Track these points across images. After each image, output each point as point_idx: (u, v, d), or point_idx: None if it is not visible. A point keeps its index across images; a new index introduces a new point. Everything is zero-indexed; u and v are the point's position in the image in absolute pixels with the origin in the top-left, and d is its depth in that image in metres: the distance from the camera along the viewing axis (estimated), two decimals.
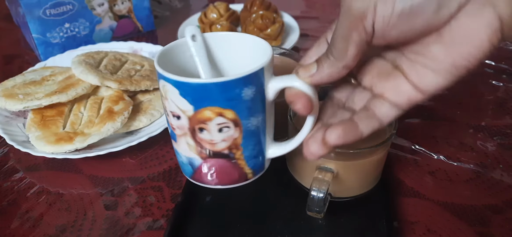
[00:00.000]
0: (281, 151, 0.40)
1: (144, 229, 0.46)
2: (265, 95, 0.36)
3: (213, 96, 0.34)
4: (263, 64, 0.35)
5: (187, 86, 0.34)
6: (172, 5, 1.02)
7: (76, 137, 0.54)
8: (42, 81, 0.62)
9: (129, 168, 0.54)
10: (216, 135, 0.36)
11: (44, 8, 0.74)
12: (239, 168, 0.39)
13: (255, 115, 0.36)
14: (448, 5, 0.29)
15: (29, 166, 0.56)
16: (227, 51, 0.43)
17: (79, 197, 0.51)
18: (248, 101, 0.35)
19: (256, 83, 0.35)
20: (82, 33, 0.80)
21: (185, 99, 0.34)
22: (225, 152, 0.37)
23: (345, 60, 0.32)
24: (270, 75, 0.37)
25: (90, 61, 0.64)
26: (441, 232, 0.44)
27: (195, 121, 0.35)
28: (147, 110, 0.61)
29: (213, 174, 0.39)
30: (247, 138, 0.37)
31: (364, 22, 0.30)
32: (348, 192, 0.46)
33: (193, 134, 0.36)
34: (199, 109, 0.34)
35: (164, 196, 0.50)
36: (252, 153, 0.38)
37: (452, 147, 0.55)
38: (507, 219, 0.46)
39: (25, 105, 0.57)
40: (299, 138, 0.38)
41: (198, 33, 0.41)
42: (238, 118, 0.35)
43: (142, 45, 0.76)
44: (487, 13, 0.28)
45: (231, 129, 0.36)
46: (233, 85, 0.34)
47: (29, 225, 0.47)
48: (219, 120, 0.35)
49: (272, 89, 0.36)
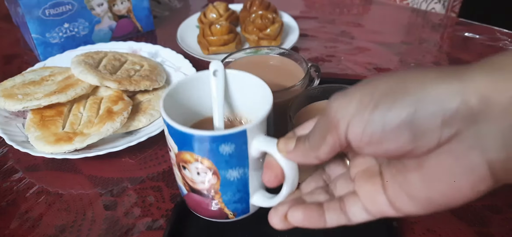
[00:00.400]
0: (267, 203, 0.39)
1: (144, 229, 0.46)
2: (248, 152, 0.36)
3: (191, 144, 0.36)
4: (247, 127, 0.35)
5: (171, 128, 0.36)
6: (172, 5, 1.02)
7: (75, 137, 0.53)
8: (41, 81, 0.62)
9: (128, 168, 0.54)
10: (196, 177, 0.38)
11: (43, 8, 0.74)
12: (220, 208, 0.40)
13: (234, 168, 0.37)
14: (424, 139, 0.26)
15: (28, 166, 0.56)
16: (242, 89, 0.44)
17: (78, 197, 0.51)
18: (226, 156, 0.36)
19: (235, 142, 0.35)
20: (81, 33, 0.80)
21: (172, 138, 0.37)
22: (205, 193, 0.39)
23: (318, 154, 0.31)
24: (259, 134, 0.36)
25: (90, 61, 0.64)
26: (440, 232, 0.44)
27: (179, 159, 0.38)
28: (147, 110, 0.61)
29: (196, 206, 0.41)
30: (226, 186, 0.38)
31: (338, 131, 0.29)
32: None
33: (179, 168, 0.39)
34: (181, 151, 0.37)
35: (164, 196, 0.50)
36: (232, 199, 0.39)
37: None
38: (506, 219, 0.46)
39: (25, 105, 0.57)
40: (281, 196, 0.37)
41: (220, 69, 0.42)
42: (215, 168, 0.36)
43: (141, 45, 0.76)
44: (473, 157, 0.25)
45: (209, 175, 0.37)
46: (210, 140, 0.35)
47: (28, 226, 0.47)
48: (197, 165, 0.36)
49: (255, 149, 0.36)
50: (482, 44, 0.80)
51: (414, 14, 0.97)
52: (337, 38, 0.84)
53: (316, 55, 0.78)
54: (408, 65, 0.74)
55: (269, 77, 0.56)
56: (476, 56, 0.75)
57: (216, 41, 0.75)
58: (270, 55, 0.60)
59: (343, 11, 0.95)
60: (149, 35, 0.89)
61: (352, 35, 0.85)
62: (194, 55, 0.75)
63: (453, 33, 0.86)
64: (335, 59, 0.77)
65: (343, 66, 0.75)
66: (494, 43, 0.80)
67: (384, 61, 0.76)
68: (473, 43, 0.81)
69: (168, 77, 0.70)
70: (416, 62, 0.75)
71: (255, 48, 0.61)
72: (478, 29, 0.85)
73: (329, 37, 0.85)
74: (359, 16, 0.94)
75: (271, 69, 0.58)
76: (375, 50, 0.79)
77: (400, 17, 0.94)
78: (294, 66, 0.57)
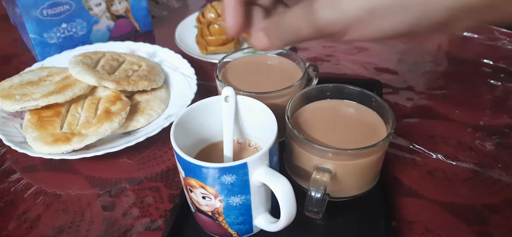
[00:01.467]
0: (269, 228, 0.41)
1: (142, 229, 0.46)
2: (249, 182, 0.38)
3: (196, 172, 0.37)
4: (248, 160, 0.37)
5: (179, 156, 0.38)
6: (170, 5, 1.02)
7: (73, 138, 0.53)
8: (39, 82, 0.61)
9: (126, 169, 0.54)
10: (201, 200, 0.40)
11: (41, 8, 0.74)
12: (223, 228, 0.42)
13: (237, 195, 0.38)
14: None
15: (26, 167, 0.55)
16: (251, 114, 0.46)
17: (76, 198, 0.50)
18: (228, 185, 0.37)
19: (237, 173, 0.37)
20: (79, 33, 0.80)
21: (179, 164, 0.39)
22: (209, 214, 0.40)
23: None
24: (261, 165, 0.38)
25: (88, 61, 0.64)
26: (439, 231, 0.44)
27: (186, 183, 0.40)
28: (145, 110, 0.61)
29: (203, 223, 0.43)
30: (229, 210, 0.39)
31: None
32: (346, 192, 0.46)
33: (187, 190, 0.41)
34: (187, 177, 0.39)
35: (162, 196, 0.50)
36: (235, 221, 0.41)
37: (451, 146, 0.55)
38: (505, 218, 0.45)
39: (22, 106, 0.56)
40: (279, 225, 0.39)
41: (232, 95, 0.44)
42: (218, 194, 0.38)
43: (139, 45, 0.76)
44: None
45: (213, 200, 0.39)
46: (212, 171, 0.36)
47: (26, 226, 0.47)
48: (202, 190, 0.38)
49: (256, 180, 0.38)
50: (480, 43, 0.80)
51: None
52: None
53: (315, 55, 0.78)
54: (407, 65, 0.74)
55: (267, 77, 0.56)
56: (475, 56, 0.75)
57: (215, 41, 0.74)
58: (268, 55, 0.59)
59: None
60: (147, 35, 0.89)
61: None
62: (192, 55, 0.75)
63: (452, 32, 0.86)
64: (334, 58, 0.77)
65: (342, 66, 0.75)
66: (493, 43, 0.80)
67: (382, 61, 0.75)
68: (472, 43, 0.81)
69: (166, 77, 0.70)
70: (415, 62, 0.75)
71: (254, 48, 0.60)
72: (477, 28, 0.85)
73: None
74: None
75: (269, 69, 0.58)
76: (373, 50, 0.79)
77: None
78: (292, 66, 0.57)
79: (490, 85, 0.67)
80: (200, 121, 0.45)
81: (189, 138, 0.44)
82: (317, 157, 0.42)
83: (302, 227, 0.44)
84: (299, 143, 0.44)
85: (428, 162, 0.53)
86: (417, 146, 0.55)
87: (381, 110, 0.47)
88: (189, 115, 0.44)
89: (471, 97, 0.65)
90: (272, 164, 0.39)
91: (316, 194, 0.40)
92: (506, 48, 0.78)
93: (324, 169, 0.42)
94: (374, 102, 0.48)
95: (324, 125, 0.47)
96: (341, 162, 0.42)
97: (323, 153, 0.42)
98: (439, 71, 0.72)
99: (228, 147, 0.44)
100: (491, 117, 0.61)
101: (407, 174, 0.51)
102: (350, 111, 0.49)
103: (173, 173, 0.53)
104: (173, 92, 0.67)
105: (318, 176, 0.41)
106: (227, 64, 0.57)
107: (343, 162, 0.42)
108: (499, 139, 0.56)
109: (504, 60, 0.74)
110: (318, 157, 0.42)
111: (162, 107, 0.62)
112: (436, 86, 0.68)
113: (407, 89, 0.67)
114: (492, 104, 0.63)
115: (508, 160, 0.53)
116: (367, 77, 0.71)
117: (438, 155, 0.54)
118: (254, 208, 0.40)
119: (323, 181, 0.41)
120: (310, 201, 0.40)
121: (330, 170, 0.42)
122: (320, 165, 0.42)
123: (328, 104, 0.50)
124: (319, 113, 0.49)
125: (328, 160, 0.42)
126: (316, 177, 0.41)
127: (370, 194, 0.46)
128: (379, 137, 0.43)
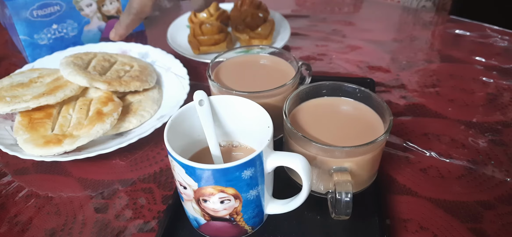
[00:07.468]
0: (281, 210, 0.43)
1: (135, 231, 0.46)
2: (264, 170, 0.39)
3: (215, 178, 0.37)
4: (263, 147, 0.37)
5: (192, 169, 0.37)
6: (162, 5, 1.02)
7: (65, 140, 0.53)
8: (30, 83, 0.61)
9: (119, 170, 0.54)
10: (218, 206, 0.39)
11: (31, 9, 0.73)
12: (240, 227, 0.42)
13: (254, 188, 0.39)
14: None
15: (17, 169, 0.55)
16: (231, 112, 0.46)
17: (68, 200, 0.50)
18: (247, 179, 0.38)
19: (255, 164, 0.37)
20: (70, 34, 0.79)
21: (190, 177, 0.37)
22: (227, 217, 0.40)
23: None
24: (270, 151, 0.39)
25: (79, 62, 0.63)
26: (433, 229, 0.44)
27: (199, 194, 0.38)
28: (137, 111, 0.60)
29: (216, 231, 0.42)
30: (247, 206, 0.40)
31: None
32: None
33: (198, 202, 0.39)
34: (203, 186, 0.37)
35: (155, 198, 0.50)
36: (252, 215, 0.41)
37: (444, 144, 0.56)
38: (498, 214, 0.46)
39: (13, 108, 0.56)
40: (299, 200, 0.41)
41: (205, 98, 0.44)
42: (238, 193, 0.38)
43: (131, 45, 0.76)
44: None
45: (232, 201, 0.39)
46: (234, 170, 0.36)
47: (18, 230, 0.47)
48: (221, 195, 0.38)
49: (271, 165, 0.39)
50: (473, 41, 0.80)
51: (405, 12, 0.97)
52: (329, 36, 0.84)
53: (308, 54, 0.78)
54: (400, 64, 0.74)
55: (260, 76, 0.56)
56: (467, 53, 0.75)
57: (207, 40, 0.74)
58: (261, 54, 0.59)
59: (334, 10, 0.95)
60: (139, 35, 0.88)
61: (343, 33, 0.85)
62: (184, 55, 0.74)
63: (444, 30, 0.86)
64: (327, 57, 0.77)
65: (335, 64, 0.75)
66: (485, 40, 0.80)
67: (375, 59, 0.76)
68: (464, 40, 0.81)
69: (158, 78, 0.69)
70: (407, 60, 0.75)
71: (246, 47, 0.60)
72: (469, 26, 0.86)
73: (321, 35, 0.85)
74: (351, 14, 0.94)
75: (262, 68, 0.57)
76: (366, 48, 0.79)
77: (391, 15, 0.95)
78: (285, 65, 0.57)
79: (483, 83, 0.68)
80: (184, 129, 0.44)
81: (179, 146, 0.42)
82: (318, 156, 0.42)
83: (298, 225, 0.44)
84: (297, 141, 0.43)
85: (421, 160, 0.53)
86: (411, 144, 0.56)
87: (377, 107, 0.47)
88: (174, 123, 0.43)
89: (464, 94, 0.65)
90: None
91: (345, 197, 0.40)
92: (498, 45, 0.78)
93: (342, 169, 0.42)
94: (370, 99, 0.48)
95: (322, 123, 0.47)
96: (341, 160, 0.42)
97: (324, 151, 0.42)
98: (431, 69, 0.72)
99: (215, 148, 0.44)
100: (484, 114, 0.61)
101: (401, 172, 0.51)
102: (347, 109, 0.49)
103: (166, 174, 0.53)
104: (166, 93, 0.66)
105: (340, 178, 0.41)
106: (219, 64, 0.57)
107: (343, 160, 0.42)
108: (492, 136, 0.56)
109: (496, 57, 0.74)
110: (319, 155, 0.42)
111: (154, 108, 0.62)
112: (429, 84, 0.68)
113: (400, 87, 0.67)
114: (485, 102, 0.64)
115: (501, 157, 0.53)
116: (360, 76, 0.71)
117: (432, 152, 0.54)
118: (265, 196, 0.41)
119: (348, 182, 0.40)
120: (340, 205, 0.40)
121: (347, 168, 0.42)
122: (336, 166, 0.42)
123: (325, 102, 0.50)
124: (316, 110, 0.49)
125: (328, 159, 0.42)
126: (339, 179, 0.41)
127: (364, 192, 0.46)
128: (377, 133, 0.43)
